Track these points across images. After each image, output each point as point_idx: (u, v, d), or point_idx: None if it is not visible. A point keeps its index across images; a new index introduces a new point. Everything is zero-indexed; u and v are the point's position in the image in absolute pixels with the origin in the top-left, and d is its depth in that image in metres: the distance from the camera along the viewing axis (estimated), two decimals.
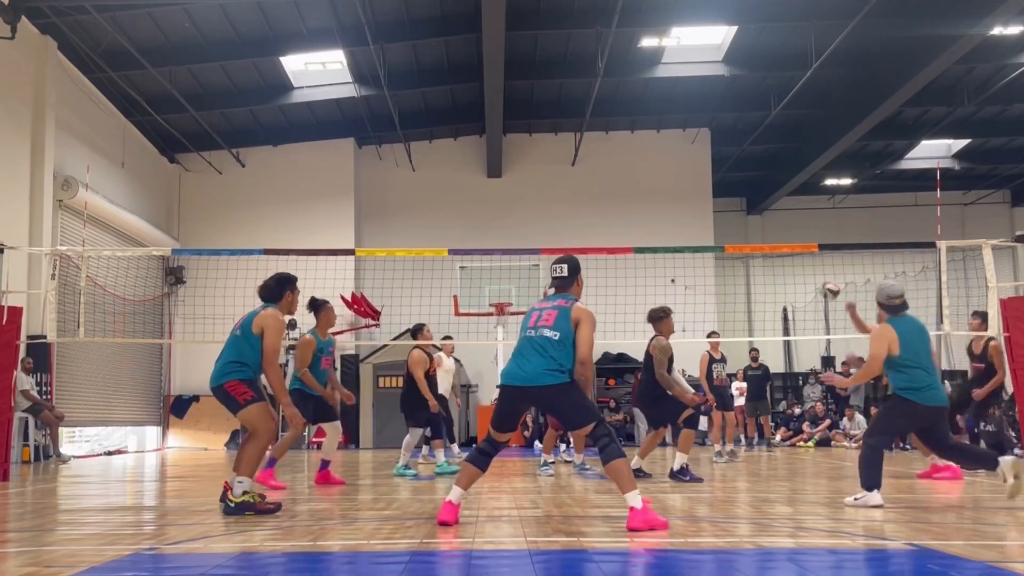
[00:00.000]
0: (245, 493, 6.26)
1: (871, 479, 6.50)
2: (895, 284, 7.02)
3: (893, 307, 6.85)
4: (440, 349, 12.82)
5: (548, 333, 5.56)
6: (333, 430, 9.22)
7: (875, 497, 6.44)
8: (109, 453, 16.20)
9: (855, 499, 6.51)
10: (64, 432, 15.67)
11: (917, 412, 6.56)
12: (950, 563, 4.06)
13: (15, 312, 9.96)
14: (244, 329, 6.48)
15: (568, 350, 5.56)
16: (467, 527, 5.40)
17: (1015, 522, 5.65)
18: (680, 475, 9.09)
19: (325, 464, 9.17)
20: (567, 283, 5.89)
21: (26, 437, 14.17)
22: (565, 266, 5.92)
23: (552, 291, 5.99)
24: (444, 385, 12.86)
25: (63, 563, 4.33)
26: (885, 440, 6.88)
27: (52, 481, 10.71)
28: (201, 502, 7.27)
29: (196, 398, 21.10)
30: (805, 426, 19.35)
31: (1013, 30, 16.56)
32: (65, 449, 16.33)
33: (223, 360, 6.46)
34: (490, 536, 5.07)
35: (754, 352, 17.72)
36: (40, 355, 14.80)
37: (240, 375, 6.38)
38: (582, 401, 5.54)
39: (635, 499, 5.23)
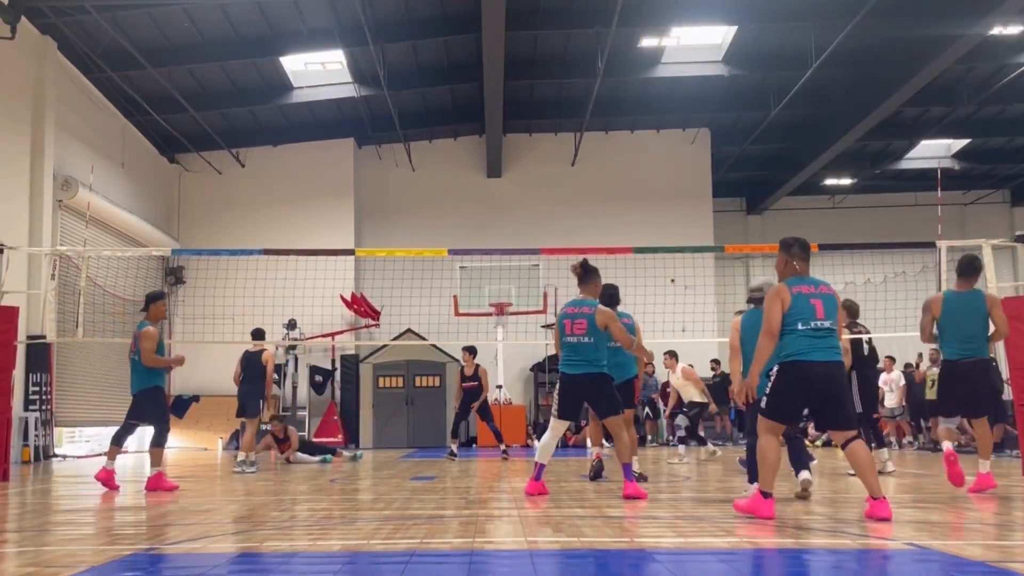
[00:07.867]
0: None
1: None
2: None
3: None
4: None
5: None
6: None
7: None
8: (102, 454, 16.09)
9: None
10: (64, 432, 15.62)
11: None
12: (950, 563, 4.06)
13: (11, 312, 9.95)
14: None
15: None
16: (467, 526, 5.40)
17: (1017, 522, 5.65)
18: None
19: (629, 471, 7.14)
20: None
21: (26, 437, 14.14)
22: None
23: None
24: None
25: (63, 563, 4.33)
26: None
27: (51, 481, 10.72)
28: (200, 502, 7.26)
29: (196, 398, 20.98)
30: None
31: (1013, 30, 16.56)
32: (65, 449, 16.33)
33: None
34: (490, 536, 5.07)
35: None
36: (41, 355, 14.72)
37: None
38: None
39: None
